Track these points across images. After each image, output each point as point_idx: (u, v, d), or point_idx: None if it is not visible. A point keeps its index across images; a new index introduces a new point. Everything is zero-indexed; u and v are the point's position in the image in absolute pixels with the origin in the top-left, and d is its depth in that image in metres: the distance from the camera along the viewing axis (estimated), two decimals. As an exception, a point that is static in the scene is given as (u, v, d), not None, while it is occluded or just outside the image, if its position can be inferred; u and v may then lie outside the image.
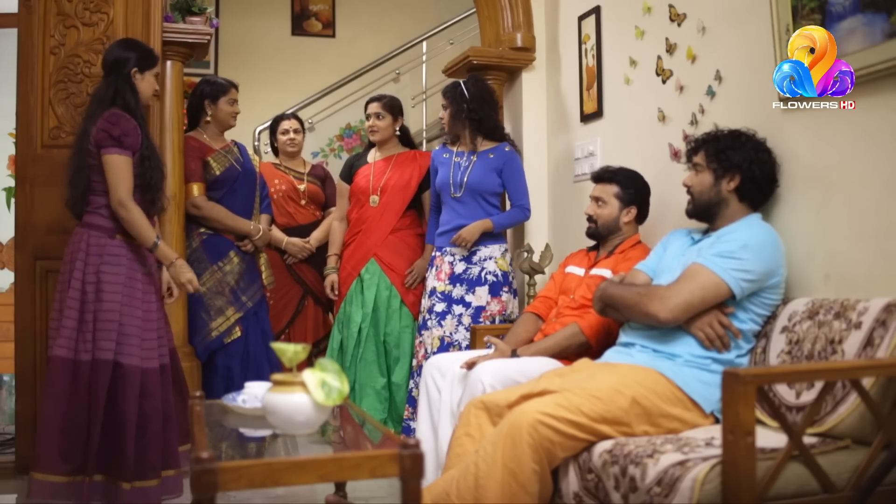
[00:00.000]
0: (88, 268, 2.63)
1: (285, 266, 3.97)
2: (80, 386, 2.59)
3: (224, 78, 3.64)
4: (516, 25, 3.91)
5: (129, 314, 2.64)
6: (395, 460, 1.54)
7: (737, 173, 2.35)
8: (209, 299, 3.40)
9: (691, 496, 1.67)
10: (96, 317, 2.61)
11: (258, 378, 2.72)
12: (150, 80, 2.78)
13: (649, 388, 2.14)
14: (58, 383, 2.60)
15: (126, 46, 2.79)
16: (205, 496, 1.45)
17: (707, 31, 2.80)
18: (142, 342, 2.65)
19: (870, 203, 2.17)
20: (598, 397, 2.08)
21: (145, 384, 2.64)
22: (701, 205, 2.42)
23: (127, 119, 2.67)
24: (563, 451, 2.05)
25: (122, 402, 2.59)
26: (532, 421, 2.02)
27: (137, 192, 2.69)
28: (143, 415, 2.63)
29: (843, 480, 1.76)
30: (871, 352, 1.91)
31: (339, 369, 1.84)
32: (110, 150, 2.63)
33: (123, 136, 2.63)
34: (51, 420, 2.60)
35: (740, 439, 1.59)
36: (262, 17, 6.83)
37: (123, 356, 2.61)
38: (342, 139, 6.98)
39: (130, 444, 2.58)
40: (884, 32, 2.08)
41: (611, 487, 1.91)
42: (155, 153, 2.76)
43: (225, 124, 3.56)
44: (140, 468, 2.59)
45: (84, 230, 2.69)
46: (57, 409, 2.60)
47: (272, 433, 1.90)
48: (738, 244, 2.23)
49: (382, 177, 3.78)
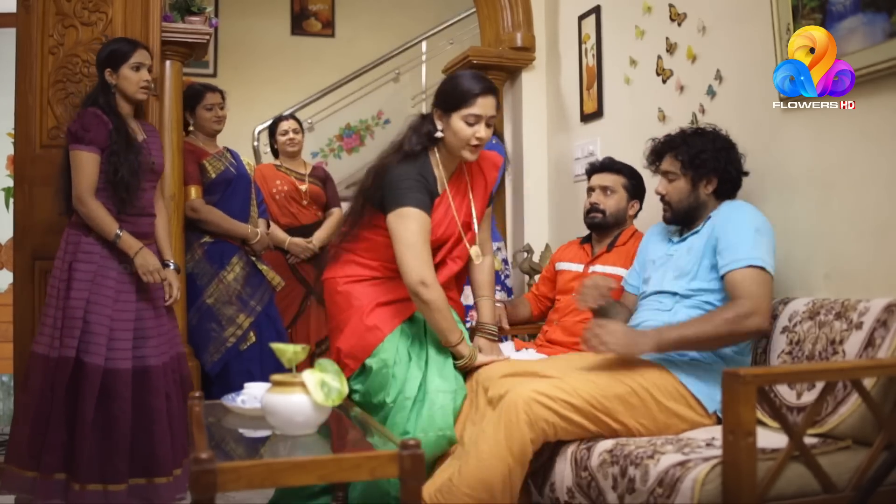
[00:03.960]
0: (63, 265, 2.67)
1: (288, 266, 3.97)
2: (48, 383, 2.61)
3: (202, 84, 3.62)
4: (516, 25, 3.91)
5: (95, 312, 2.63)
6: (395, 460, 1.54)
7: (713, 176, 2.33)
8: (218, 309, 3.39)
9: (692, 496, 1.66)
10: (64, 314, 2.63)
11: None
12: (127, 74, 2.75)
13: (652, 382, 2.13)
14: (32, 379, 2.65)
15: (101, 49, 2.81)
16: (204, 496, 1.45)
17: (707, 31, 2.80)
18: (110, 342, 2.62)
19: (870, 203, 2.17)
20: (596, 382, 2.09)
21: (112, 385, 2.60)
22: (681, 212, 2.38)
23: (92, 115, 2.68)
24: (558, 432, 2.05)
25: (80, 401, 2.58)
26: (527, 399, 2.03)
27: (108, 189, 2.68)
28: (108, 416, 2.60)
29: (843, 481, 1.76)
30: (871, 352, 1.91)
31: (338, 370, 1.84)
32: (72, 146, 2.68)
33: (83, 131, 2.66)
34: (23, 415, 2.65)
35: (741, 440, 1.59)
36: (261, 17, 6.82)
37: (86, 354, 2.60)
38: (342, 139, 6.98)
39: (88, 445, 2.57)
40: (884, 32, 2.08)
41: (607, 487, 1.91)
42: (132, 151, 2.71)
43: (208, 130, 3.55)
44: (102, 470, 2.58)
45: (67, 228, 2.74)
46: (28, 404, 2.64)
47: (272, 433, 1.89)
48: (750, 231, 2.17)
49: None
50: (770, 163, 2.50)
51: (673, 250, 2.39)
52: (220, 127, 3.58)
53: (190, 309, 3.34)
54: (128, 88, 2.76)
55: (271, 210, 3.98)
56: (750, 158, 2.54)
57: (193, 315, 3.37)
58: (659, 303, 2.32)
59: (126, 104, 2.80)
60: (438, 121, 2.38)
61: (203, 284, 3.40)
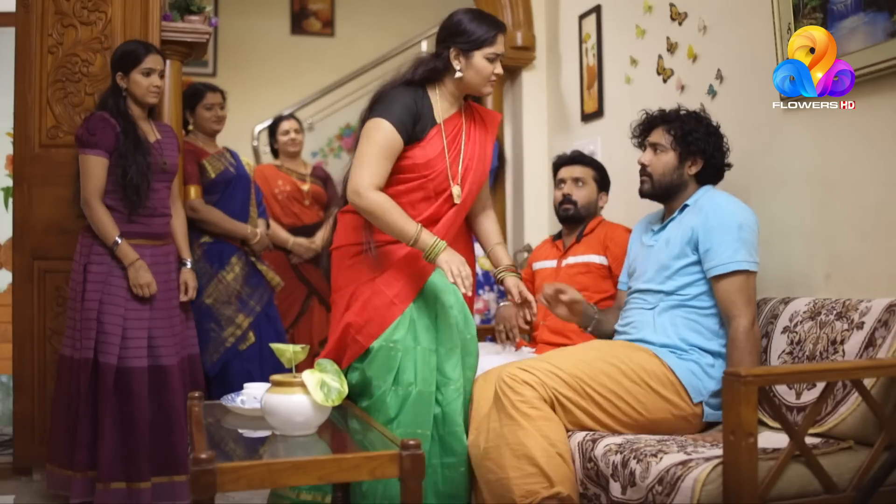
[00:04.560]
0: (79, 267, 2.73)
1: (290, 266, 3.97)
2: (73, 383, 2.69)
3: (203, 83, 3.62)
4: (516, 24, 3.91)
5: (109, 312, 2.67)
6: (395, 461, 1.54)
7: (700, 158, 2.35)
8: (218, 309, 3.39)
9: (692, 496, 1.66)
10: (81, 315, 2.69)
11: None
12: (137, 79, 2.77)
13: (640, 364, 2.15)
14: (61, 380, 2.74)
15: (115, 51, 2.84)
16: (204, 497, 1.45)
17: (708, 30, 2.79)
18: (123, 341, 2.67)
19: (871, 203, 2.16)
20: (585, 360, 2.12)
21: (128, 384, 2.65)
22: (662, 186, 2.38)
23: (98, 119, 2.72)
24: (548, 392, 2.08)
25: (100, 401, 2.64)
26: (510, 371, 2.07)
27: (118, 191, 2.71)
28: (127, 415, 2.65)
29: (844, 481, 1.76)
30: (872, 352, 1.90)
31: (337, 370, 1.84)
32: (80, 150, 2.73)
33: (90, 135, 2.69)
34: (56, 415, 2.74)
35: (742, 440, 1.59)
36: (261, 17, 6.81)
37: (102, 354, 2.65)
38: (341, 139, 6.97)
39: (109, 444, 2.61)
40: (885, 32, 2.07)
41: (608, 475, 1.91)
42: (141, 153, 2.74)
43: (208, 130, 3.54)
44: (125, 469, 2.63)
45: (81, 231, 2.79)
46: (60, 404, 2.72)
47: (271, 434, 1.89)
48: (733, 229, 2.18)
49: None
50: (771, 162, 2.49)
51: (653, 241, 2.40)
52: (219, 127, 3.57)
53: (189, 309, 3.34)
54: (137, 92, 2.79)
55: (274, 210, 3.98)
56: (750, 158, 2.54)
57: (192, 315, 3.37)
58: (643, 301, 2.34)
59: (137, 107, 2.82)
60: (455, 60, 2.38)
61: (202, 284, 3.39)
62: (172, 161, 2.90)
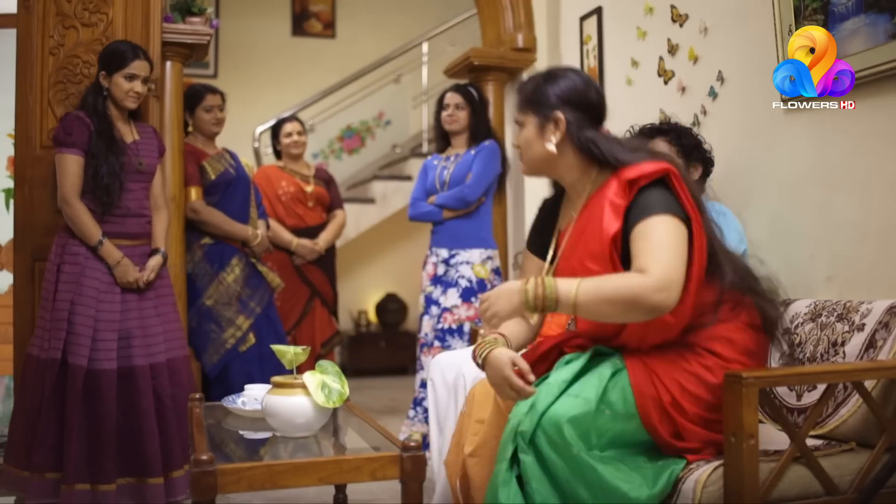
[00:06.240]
0: (53, 267, 2.71)
1: (293, 267, 3.97)
2: (38, 384, 2.65)
3: (203, 85, 3.61)
4: (517, 26, 3.91)
5: (80, 313, 2.64)
6: (396, 462, 1.54)
7: (699, 164, 2.42)
8: (218, 311, 3.39)
9: (693, 497, 1.66)
10: (52, 315, 2.67)
11: None
12: (118, 82, 2.75)
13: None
14: (25, 380, 2.71)
15: (104, 48, 2.83)
16: (204, 498, 1.45)
17: (709, 32, 2.79)
18: (94, 342, 2.63)
19: (872, 204, 2.16)
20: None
21: (97, 386, 2.61)
22: None
23: (73, 118, 2.71)
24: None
25: (67, 402, 2.61)
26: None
27: (88, 192, 2.70)
28: (94, 417, 2.61)
29: (846, 483, 1.75)
30: (873, 354, 1.90)
31: (338, 371, 1.84)
32: (57, 149, 2.73)
33: (65, 134, 2.69)
34: (18, 416, 2.71)
35: (743, 442, 1.58)
36: (262, 18, 6.82)
37: (71, 355, 2.62)
38: (342, 140, 6.98)
39: (75, 445, 2.58)
40: (886, 33, 2.07)
41: None
42: (114, 153, 2.72)
43: (207, 132, 3.54)
44: (90, 470, 2.60)
45: (58, 230, 2.77)
46: (23, 405, 2.69)
47: (272, 435, 1.89)
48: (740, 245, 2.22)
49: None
50: (772, 163, 2.49)
51: None
52: (218, 129, 3.57)
53: (189, 310, 3.34)
54: (116, 95, 2.77)
55: (277, 212, 3.98)
56: (752, 159, 2.54)
57: (193, 316, 3.37)
58: None
59: (116, 107, 2.80)
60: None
61: (202, 286, 3.39)
62: (150, 162, 2.86)
